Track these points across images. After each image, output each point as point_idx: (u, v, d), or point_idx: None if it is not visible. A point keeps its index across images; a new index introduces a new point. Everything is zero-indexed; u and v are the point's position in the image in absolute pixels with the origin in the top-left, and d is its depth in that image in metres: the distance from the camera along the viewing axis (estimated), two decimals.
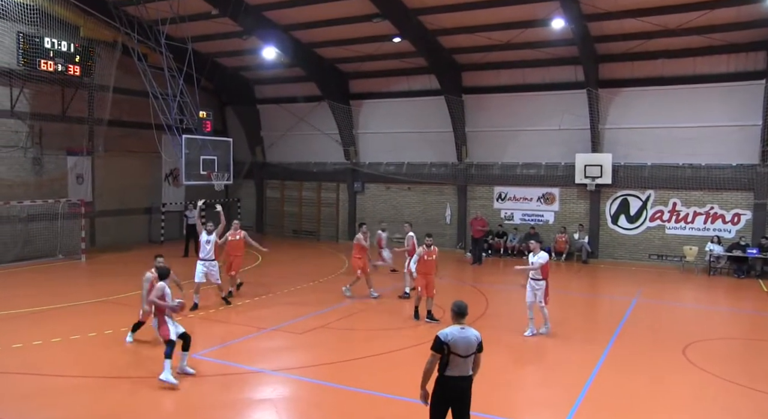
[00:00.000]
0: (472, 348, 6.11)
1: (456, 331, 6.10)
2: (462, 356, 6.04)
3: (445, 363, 6.02)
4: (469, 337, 6.12)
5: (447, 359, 6.00)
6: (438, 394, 6.10)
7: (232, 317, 13.18)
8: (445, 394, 6.10)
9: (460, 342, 6.03)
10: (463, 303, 6.34)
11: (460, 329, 6.14)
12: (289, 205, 28.23)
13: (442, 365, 6.03)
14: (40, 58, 18.78)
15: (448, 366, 6.03)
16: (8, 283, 16.59)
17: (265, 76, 26.38)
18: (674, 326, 13.14)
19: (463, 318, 6.24)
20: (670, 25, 17.89)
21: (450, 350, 5.99)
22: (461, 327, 6.16)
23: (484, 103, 23.02)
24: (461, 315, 6.25)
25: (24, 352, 10.37)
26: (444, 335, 6.04)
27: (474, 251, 21.46)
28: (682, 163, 20.47)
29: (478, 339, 6.20)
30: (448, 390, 6.09)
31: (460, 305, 6.30)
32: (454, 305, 6.32)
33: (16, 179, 19.85)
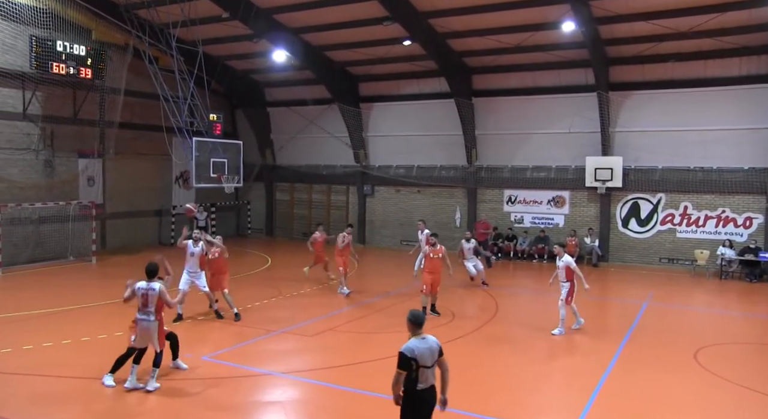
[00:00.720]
0: (435, 356, 5.98)
1: (419, 343, 5.92)
2: (429, 366, 5.91)
3: (415, 379, 5.82)
4: (431, 346, 5.99)
5: (416, 374, 5.81)
6: (415, 410, 5.91)
7: (242, 319, 13.18)
8: (422, 409, 5.94)
9: (425, 353, 5.89)
10: (419, 313, 6.19)
11: (421, 340, 5.97)
12: (298, 208, 28.27)
13: (413, 381, 5.82)
14: (52, 61, 18.91)
15: (419, 381, 5.85)
16: (20, 285, 16.72)
17: (275, 79, 26.46)
18: (686, 330, 13.04)
19: (420, 328, 6.05)
20: (681, 28, 17.80)
21: (418, 364, 5.81)
22: (422, 338, 5.99)
23: (494, 106, 22.98)
24: (419, 325, 6.04)
25: (35, 353, 10.43)
26: (409, 351, 5.81)
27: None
28: (693, 166, 20.33)
29: (438, 344, 6.06)
30: (425, 405, 5.94)
31: (417, 315, 6.11)
32: (411, 315, 6.11)
33: (28, 181, 19.99)
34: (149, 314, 8.89)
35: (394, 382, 5.85)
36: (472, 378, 9.64)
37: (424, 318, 6.19)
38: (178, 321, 12.60)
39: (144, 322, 8.90)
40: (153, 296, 8.90)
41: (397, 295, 15.73)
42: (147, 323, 8.89)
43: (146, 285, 8.97)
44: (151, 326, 8.89)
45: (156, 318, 8.94)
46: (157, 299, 8.91)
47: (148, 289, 8.93)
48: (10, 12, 18.10)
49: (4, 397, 8.49)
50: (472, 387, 9.28)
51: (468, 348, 11.36)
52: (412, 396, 5.87)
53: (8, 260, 18.35)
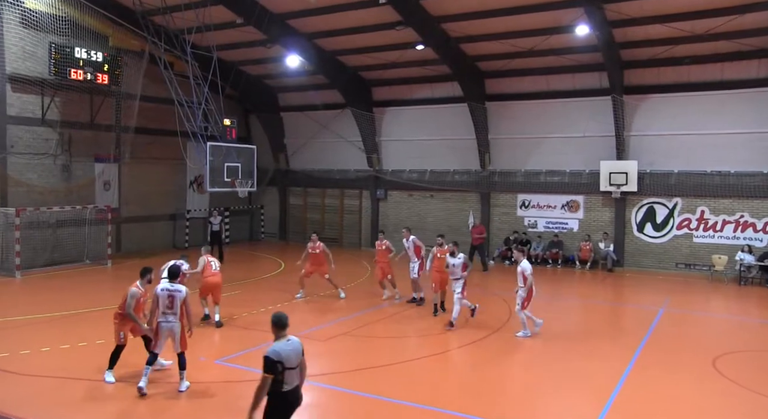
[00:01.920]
0: (300, 355, 6.06)
1: (284, 345, 5.96)
2: (294, 368, 5.96)
3: (281, 381, 5.84)
4: (296, 347, 6.05)
5: (282, 376, 5.84)
6: (279, 411, 5.94)
7: (254, 323, 13.22)
8: (286, 410, 6.00)
9: (291, 355, 5.94)
10: (282, 314, 6.18)
11: (286, 341, 6.01)
12: (311, 212, 28.34)
13: (278, 383, 5.84)
14: (70, 67, 19.20)
15: (284, 383, 5.88)
16: (38, 287, 16.91)
17: (288, 84, 26.58)
18: (703, 336, 12.89)
19: (284, 330, 6.08)
20: (697, 31, 17.66)
21: (284, 366, 5.84)
22: (287, 340, 6.03)
23: (508, 111, 22.91)
24: (282, 327, 6.07)
25: (52, 355, 10.54)
26: (275, 354, 5.83)
27: (472, 258, 21.30)
28: (710, 170, 20.13)
29: (301, 344, 6.16)
30: (289, 405, 6.00)
31: (280, 317, 6.11)
32: (275, 317, 6.11)
33: (47, 185, 20.22)
34: (175, 315, 8.90)
35: (261, 387, 5.80)
36: (485, 383, 9.60)
37: (287, 320, 6.16)
38: (205, 320, 12.92)
39: (169, 324, 8.89)
40: (179, 298, 8.89)
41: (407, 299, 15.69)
42: (172, 324, 8.90)
43: (170, 287, 8.95)
44: (176, 327, 8.91)
45: (180, 319, 8.94)
46: (182, 301, 8.91)
47: (174, 291, 8.91)
48: (32, 20, 18.45)
49: (25, 398, 8.59)
50: (485, 391, 9.24)
51: (481, 353, 11.31)
52: (278, 397, 5.88)
53: (27, 264, 18.56)
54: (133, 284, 9.24)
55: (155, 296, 8.97)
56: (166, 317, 8.89)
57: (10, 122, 19.20)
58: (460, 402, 8.81)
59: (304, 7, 19.54)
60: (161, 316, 8.91)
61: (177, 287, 8.98)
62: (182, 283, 10.28)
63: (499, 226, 23.68)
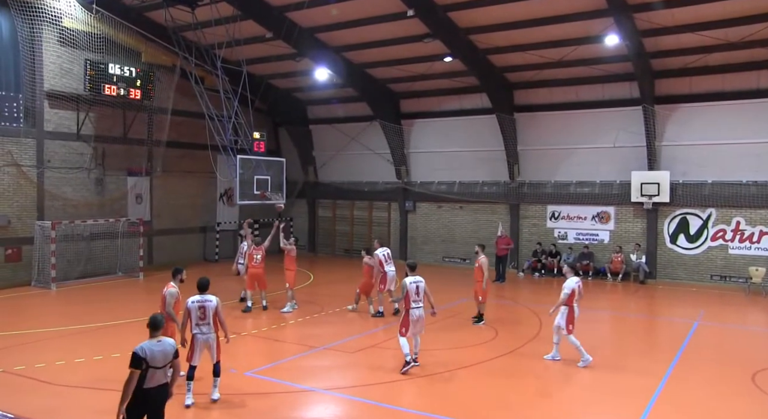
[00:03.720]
0: (168, 358, 6.43)
1: (152, 345, 6.37)
2: (159, 367, 6.33)
3: (143, 377, 6.23)
4: (166, 348, 6.44)
5: (145, 373, 6.24)
6: (138, 407, 6.26)
7: (284, 335, 13.28)
8: (145, 406, 6.30)
9: (157, 355, 6.33)
10: (158, 316, 6.65)
11: (157, 342, 6.43)
12: (340, 224, 28.42)
13: (141, 378, 6.23)
14: (104, 83, 19.71)
15: (146, 380, 6.25)
16: (72, 299, 17.24)
17: (317, 96, 26.82)
18: (741, 351, 12.51)
19: (157, 331, 6.51)
20: (731, 39, 17.34)
21: (148, 364, 6.24)
22: (157, 340, 6.45)
23: (537, 122, 22.75)
24: (155, 328, 6.51)
25: (86, 367, 10.70)
26: (141, 351, 6.26)
27: (497, 268, 21.13)
28: (746, 180, 19.67)
29: (174, 347, 6.56)
30: (149, 402, 6.32)
31: (153, 319, 6.57)
32: (150, 319, 6.58)
33: (81, 199, 20.67)
34: (208, 325, 8.89)
35: (128, 381, 6.18)
36: (514, 396, 9.47)
37: (160, 323, 6.62)
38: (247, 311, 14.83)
39: (204, 336, 8.90)
40: (210, 308, 8.91)
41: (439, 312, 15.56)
42: (207, 336, 8.90)
43: (201, 298, 8.98)
44: (211, 338, 8.92)
45: (214, 330, 8.94)
46: (214, 311, 8.92)
47: (204, 301, 8.95)
48: (69, 39, 19.01)
49: (59, 409, 8.74)
50: (514, 404, 9.11)
51: (511, 366, 11.17)
52: (137, 393, 6.23)
53: (62, 276, 18.94)
54: (169, 285, 9.66)
55: (186, 309, 9.00)
56: (200, 328, 8.90)
57: (48, 137, 19.72)
58: (487, 414, 8.69)
59: (332, 20, 19.77)
60: (195, 328, 8.92)
61: (208, 297, 9.00)
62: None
63: (529, 237, 23.44)
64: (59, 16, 18.30)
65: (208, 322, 8.89)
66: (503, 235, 22.25)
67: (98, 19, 18.83)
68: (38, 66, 19.21)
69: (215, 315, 8.94)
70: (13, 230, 18.88)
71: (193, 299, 9.01)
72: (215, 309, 8.93)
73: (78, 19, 18.73)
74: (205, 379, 9.23)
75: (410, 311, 10.49)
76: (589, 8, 17.04)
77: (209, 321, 8.90)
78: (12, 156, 18.86)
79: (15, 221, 18.93)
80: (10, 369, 10.33)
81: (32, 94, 19.19)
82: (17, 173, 19.02)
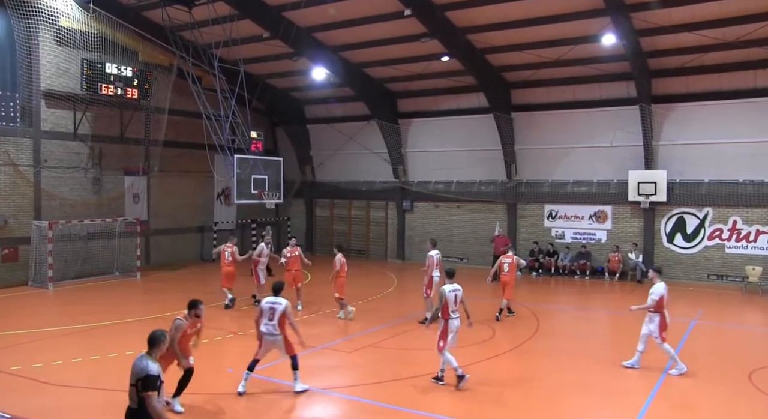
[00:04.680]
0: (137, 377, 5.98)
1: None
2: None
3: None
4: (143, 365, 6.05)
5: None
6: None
7: None
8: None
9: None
10: (158, 332, 6.35)
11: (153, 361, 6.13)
12: (338, 224, 28.43)
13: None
14: (101, 82, 19.68)
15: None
16: (70, 299, 17.20)
17: (314, 96, 26.80)
18: (738, 350, 12.55)
19: (152, 349, 6.25)
20: (728, 38, 17.37)
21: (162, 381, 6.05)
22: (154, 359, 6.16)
23: (534, 121, 22.78)
24: (151, 345, 6.25)
25: (83, 366, 10.70)
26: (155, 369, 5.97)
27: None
28: (742, 180, 19.72)
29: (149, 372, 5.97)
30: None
31: (151, 335, 6.30)
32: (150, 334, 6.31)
33: (78, 198, 20.63)
34: (274, 327, 9.25)
35: (154, 409, 5.80)
36: (512, 395, 9.47)
37: (160, 339, 6.30)
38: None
39: (270, 336, 9.29)
40: (279, 311, 9.25)
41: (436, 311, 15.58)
42: (273, 337, 9.27)
43: (273, 300, 9.41)
44: (277, 340, 9.30)
45: (281, 331, 9.27)
46: (282, 314, 9.25)
47: (274, 303, 9.34)
48: (66, 38, 18.97)
49: (57, 409, 8.73)
50: (511, 403, 9.12)
51: (508, 365, 11.18)
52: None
53: (59, 275, 18.91)
54: (181, 315, 8.64)
55: (260, 308, 9.43)
56: (267, 328, 9.30)
57: (44, 136, 19.69)
58: (486, 413, 8.70)
59: (329, 20, 19.76)
60: (264, 326, 9.33)
61: (279, 300, 9.39)
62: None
63: (526, 237, 23.47)
64: (56, 15, 18.22)
65: (274, 323, 9.25)
66: (500, 234, 22.25)
67: (95, 19, 18.77)
68: (35, 65, 19.19)
69: (282, 317, 9.29)
70: (10, 229, 18.85)
71: (266, 299, 9.51)
72: (283, 312, 9.28)
73: (75, 19, 18.67)
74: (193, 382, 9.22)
75: (449, 323, 9.86)
76: (586, 8, 17.07)
77: (276, 323, 9.25)
78: (9, 156, 18.82)
79: (12, 220, 18.90)
80: (7, 369, 10.31)
81: (29, 93, 19.17)
82: (14, 172, 18.98)
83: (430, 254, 14.45)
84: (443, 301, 9.95)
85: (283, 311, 9.25)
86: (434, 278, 14.13)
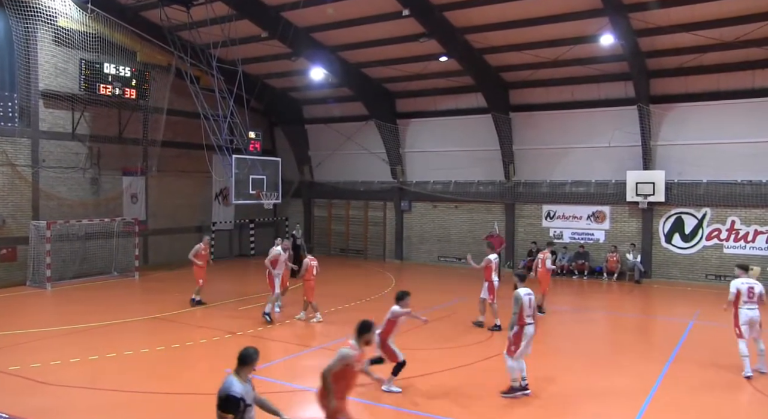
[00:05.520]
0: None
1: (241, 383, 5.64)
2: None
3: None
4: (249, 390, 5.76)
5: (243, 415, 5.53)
6: None
7: (280, 335, 13.27)
8: None
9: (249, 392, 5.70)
10: (250, 350, 5.85)
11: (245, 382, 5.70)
12: (336, 224, 28.43)
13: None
14: (99, 82, 19.66)
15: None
16: (68, 299, 17.19)
17: (313, 96, 26.80)
18: (736, 350, 12.53)
19: (247, 367, 5.77)
20: (726, 38, 17.39)
21: (246, 403, 5.57)
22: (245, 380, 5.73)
23: (532, 121, 22.79)
24: (245, 363, 5.79)
25: (81, 366, 10.68)
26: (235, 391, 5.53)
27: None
28: (741, 180, 19.74)
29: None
30: None
31: (245, 353, 5.79)
32: (242, 352, 5.82)
33: (76, 198, 20.61)
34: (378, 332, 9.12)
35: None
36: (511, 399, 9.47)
37: (254, 357, 5.86)
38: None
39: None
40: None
41: (435, 311, 15.60)
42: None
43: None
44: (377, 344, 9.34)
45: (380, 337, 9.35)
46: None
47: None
48: (64, 38, 18.99)
49: (56, 409, 8.72)
50: (509, 403, 9.12)
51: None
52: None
53: (57, 275, 18.88)
54: (347, 344, 7.06)
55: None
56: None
57: (43, 136, 19.68)
58: (484, 413, 8.70)
59: (327, 20, 19.76)
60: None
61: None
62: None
63: (524, 237, 23.49)
64: (54, 15, 18.23)
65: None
66: (494, 234, 22.16)
67: (93, 19, 18.78)
68: (33, 65, 19.18)
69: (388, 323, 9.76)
70: (8, 229, 18.83)
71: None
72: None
73: (73, 19, 18.67)
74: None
75: (524, 328, 9.39)
76: (584, 8, 17.08)
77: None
78: (7, 156, 18.80)
79: (10, 220, 18.88)
80: (5, 369, 10.29)
81: (27, 93, 19.16)
82: (12, 172, 18.96)
83: (489, 258, 13.97)
84: (519, 305, 9.46)
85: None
86: (494, 282, 13.77)
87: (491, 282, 13.76)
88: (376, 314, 15.15)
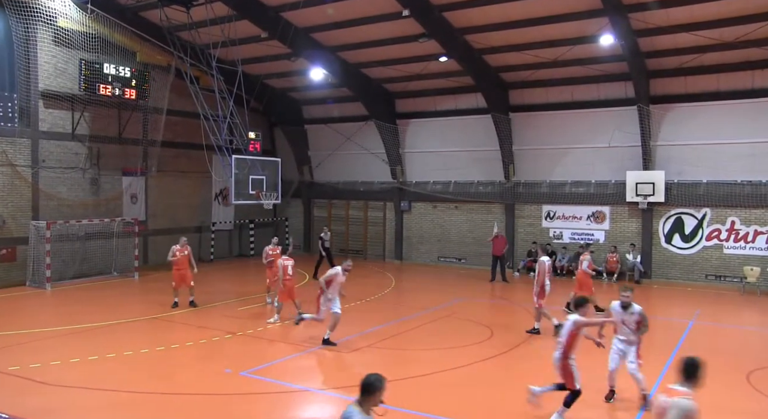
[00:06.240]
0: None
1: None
2: None
3: None
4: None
5: None
6: None
7: (280, 335, 13.26)
8: None
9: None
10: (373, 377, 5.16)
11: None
12: (336, 224, 28.40)
13: None
14: (99, 83, 19.65)
15: None
16: (67, 299, 17.18)
17: (312, 96, 26.80)
18: (737, 350, 12.55)
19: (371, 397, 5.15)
20: (726, 39, 17.39)
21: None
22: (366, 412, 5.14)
23: (532, 121, 22.79)
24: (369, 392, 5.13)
25: (81, 367, 10.67)
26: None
27: (493, 268, 21.14)
28: (740, 180, 19.74)
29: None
30: None
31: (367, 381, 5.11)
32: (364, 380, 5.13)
33: (76, 199, 20.61)
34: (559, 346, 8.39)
35: None
36: (510, 396, 9.47)
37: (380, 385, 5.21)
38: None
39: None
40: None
41: (435, 311, 15.61)
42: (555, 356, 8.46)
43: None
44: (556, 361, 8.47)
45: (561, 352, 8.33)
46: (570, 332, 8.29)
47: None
48: (64, 38, 19.00)
49: (56, 409, 8.71)
50: (512, 403, 9.12)
51: (509, 366, 11.17)
52: None
53: (57, 276, 18.88)
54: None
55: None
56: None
57: (42, 137, 19.67)
58: (484, 413, 8.70)
59: (327, 20, 19.77)
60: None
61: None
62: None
63: (524, 237, 23.49)
64: (54, 15, 18.25)
65: (560, 340, 8.44)
66: (498, 235, 22.19)
67: (93, 19, 18.79)
68: (33, 66, 19.17)
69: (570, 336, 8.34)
70: (8, 230, 18.82)
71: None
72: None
73: (73, 19, 18.68)
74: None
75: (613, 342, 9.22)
76: (584, 8, 17.09)
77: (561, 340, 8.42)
78: (7, 156, 18.79)
79: (10, 221, 18.87)
80: (5, 370, 10.28)
81: (27, 94, 19.15)
82: (12, 172, 18.96)
83: (542, 260, 13.52)
84: (609, 316, 9.39)
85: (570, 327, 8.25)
86: (546, 287, 13.22)
87: (543, 286, 13.17)
88: (376, 314, 15.20)
